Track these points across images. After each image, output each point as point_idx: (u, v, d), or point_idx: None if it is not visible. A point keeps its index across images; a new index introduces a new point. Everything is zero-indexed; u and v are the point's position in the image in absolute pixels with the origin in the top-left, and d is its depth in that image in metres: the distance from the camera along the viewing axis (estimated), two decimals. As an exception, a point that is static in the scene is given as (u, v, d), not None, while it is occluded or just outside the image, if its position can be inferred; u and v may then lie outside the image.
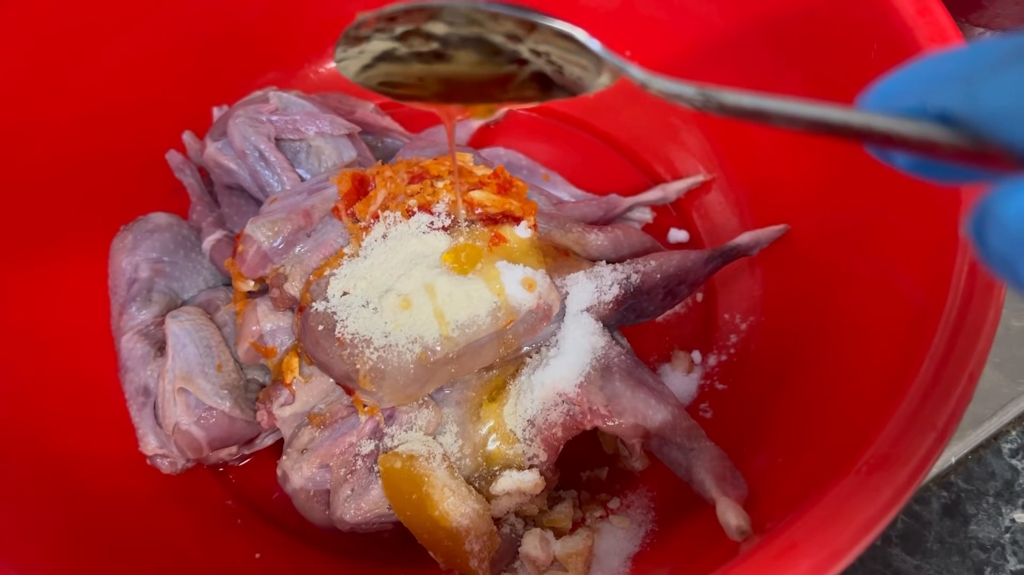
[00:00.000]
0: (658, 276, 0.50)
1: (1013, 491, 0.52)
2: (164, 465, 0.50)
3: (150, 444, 0.50)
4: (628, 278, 0.49)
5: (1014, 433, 0.55)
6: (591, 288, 0.49)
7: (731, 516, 0.39)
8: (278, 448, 0.50)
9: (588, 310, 0.48)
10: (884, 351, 0.40)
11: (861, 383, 0.41)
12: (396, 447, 0.45)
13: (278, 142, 0.55)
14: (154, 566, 0.46)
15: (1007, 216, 0.18)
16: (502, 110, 0.65)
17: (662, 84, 0.23)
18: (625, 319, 0.52)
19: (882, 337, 0.41)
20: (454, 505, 0.43)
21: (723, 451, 0.45)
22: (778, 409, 0.48)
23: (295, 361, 0.48)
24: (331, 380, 0.47)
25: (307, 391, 0.48)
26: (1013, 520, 0.52)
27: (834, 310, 0.47)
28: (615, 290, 0.49)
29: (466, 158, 0.52)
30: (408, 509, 0.44)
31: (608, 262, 0.52)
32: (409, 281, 0.44)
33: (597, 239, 0.52)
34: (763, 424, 0.48)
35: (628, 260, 0.51)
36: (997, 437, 0.55)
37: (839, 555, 0.31)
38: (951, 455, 0.53)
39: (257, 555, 0.49)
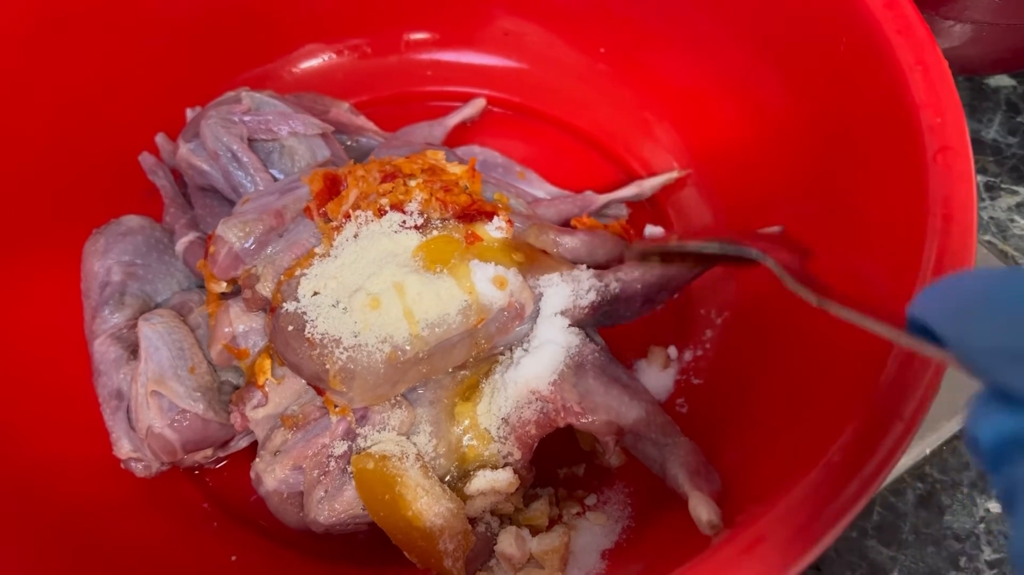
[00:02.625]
0: (639, 286, 0.49)
1: (987, 481, 0.53)
2: (138, 469, 0.50)
3: (124, 448, 0.49)
4: (607, 286, 0.48)
5: (988, 423, 0.55)
6: (567, 291, 0.48)
7: (702, 510, 0.39)
8: (254, 450, 0.50)
9: (563, 313, 0.48)
10: (854, 343, 0.40)
11: (832, 376, 0.41)
12: (369, 448, 0.45)
13: (251, 142, 0.55)
14: (129, 571, 0.46)
15: (987, 438, 0.24)
16: (479, 106, 0.65)
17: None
18: (600, 322, 0.52)
19: (852, 330, 0.41)
20: (427, 505, 0.43)
21: (697, 446, 0.45)
22: (752, 403, 0.48)
23: (267, 362, 0.48)
24: (304, 381, 0.47)
25: (280, 393, 0.48)
26: (988, 510, 0.52)
27: (806, 303, 0.47)
28: (592, 295, 0.48)
29: (439, 155, 0.52)
30: (382, 510, 0.44)
31: (587, 266, 0.51)
32: (379, 280, 0.44)
33: (571, 242, 0.52)
34: (737, 418, 0.48)
35: (612, 268, 0.50)
36: (972, 428, 0.55)
37: (807, 547, 0.31)
38: (926, 446, 0.54)
39: (233, 558, 0.49)
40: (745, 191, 0.56)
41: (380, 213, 0.48)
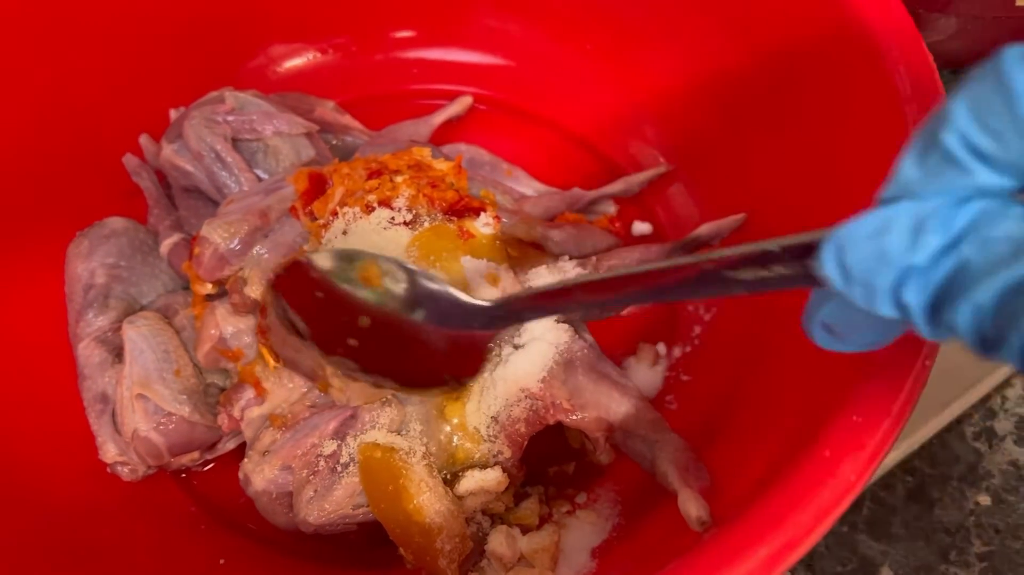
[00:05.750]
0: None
1: (977, 474, 0.53)
2: (125, 473, 0.49)
3: (110, 452, 0.49)
4: (591, 273, 0.49)
5: (977, 416, 0.55)
6: (554, 283, 0.48)
7: (692, 507, 0.39)
8: (241, 453, 0.50)
9: (551, 305, 0.48)
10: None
11: (820, 371, 0.41)
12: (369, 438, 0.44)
13: (235, 142, 0.55)
14: (116, 575, 0.46)
15: (859, 235, 0.23)
16: (465, 103, 0.65)
17: None
18: (589, 315, 0.52)
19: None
20: (430, 501, 0.43)
21: (686, 442, 0.45)
22: (741, 399, 0.48)
23: (271, 362, 0.47)
24: (295, 383, 0.47)
25: (278, 393, 0.47)
26: (977, 503, 0.52)
27: (792, 296, 0.47)
28: None
29: (424, 152, 0.52)
30: (383, 500, 0.43)
31: (571, 258, 0.51)
32: (370, 278, 0.44)
33: (559, 236, 0.52)
34: (727, 414, 0.48)
35: (595, 256, 0.51)
36: (960, 421, 0.55)
37: (797, 542, 0.31)
38: (915, 440, 0.54)
39: (221, 561, 0.48)
40: (731, 185, 0.56)
41: (368, 210, 0.48)
